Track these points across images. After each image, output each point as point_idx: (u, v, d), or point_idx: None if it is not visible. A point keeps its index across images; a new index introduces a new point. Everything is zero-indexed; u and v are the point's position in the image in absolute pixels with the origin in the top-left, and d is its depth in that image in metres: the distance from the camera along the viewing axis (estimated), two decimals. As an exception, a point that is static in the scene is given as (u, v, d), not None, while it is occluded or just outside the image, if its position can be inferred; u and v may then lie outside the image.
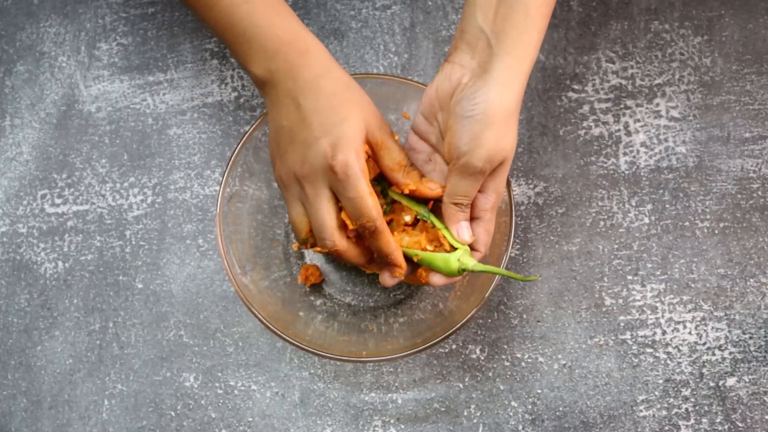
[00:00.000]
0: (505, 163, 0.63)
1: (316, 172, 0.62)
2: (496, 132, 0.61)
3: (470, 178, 0.62)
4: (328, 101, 0.62)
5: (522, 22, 0.61)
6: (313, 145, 0.61)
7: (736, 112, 0.84)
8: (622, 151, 0.84)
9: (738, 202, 0.82)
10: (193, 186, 0.85)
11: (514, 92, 0.61)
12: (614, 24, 0.86)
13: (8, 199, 0.85)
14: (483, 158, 0.61)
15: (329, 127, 0.61)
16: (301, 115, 0.62)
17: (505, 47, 0.61)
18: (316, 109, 0.62)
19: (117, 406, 0.80)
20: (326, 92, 0.63)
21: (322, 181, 0.62)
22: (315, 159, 0.61)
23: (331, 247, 0.63)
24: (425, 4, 0.88)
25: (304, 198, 0.64)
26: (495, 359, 0.80)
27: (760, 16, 0.86)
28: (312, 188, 0.62)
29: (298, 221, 0.65)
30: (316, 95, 0.62)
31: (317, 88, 0.63)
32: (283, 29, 0.64)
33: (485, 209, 0.65)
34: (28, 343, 0.82)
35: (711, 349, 0.79)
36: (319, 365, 0.80)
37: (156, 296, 0.82)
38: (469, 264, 0.65)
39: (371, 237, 0.63)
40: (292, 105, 0.63)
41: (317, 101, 0.62)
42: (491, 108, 0.61)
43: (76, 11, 0.89)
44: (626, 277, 0.81)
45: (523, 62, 0.61)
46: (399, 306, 0.81)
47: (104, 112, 0.87)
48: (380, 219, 0.62)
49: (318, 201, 0.62)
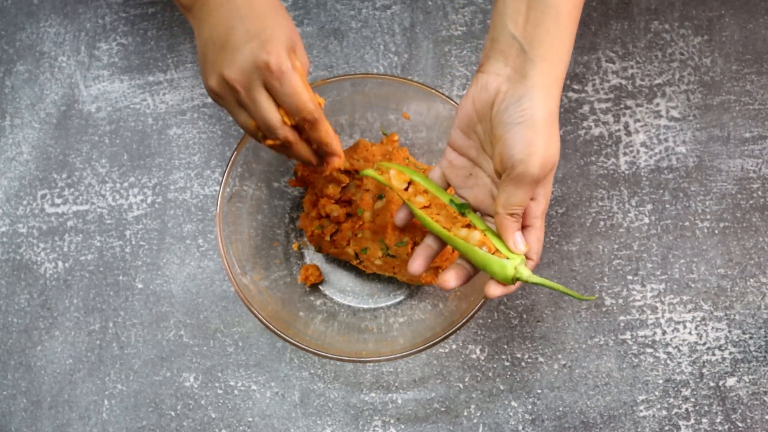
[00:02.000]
0: (553, 168, 0.62)
1: (249, 72, 0.62)
2: (546, 137, 0.60)
3: (527, 187, 0.61)
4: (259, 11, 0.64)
5: (554, 27, 0.60)
6: (243, 48, 0.62)
7: (736, 112, 0.84)
8: (622, 151, 0.84)
9: (738, 202, 0.82)
10: (193, 186, 0.85)
11: (555, 97, 0.61)
12: (614, 24, 0.86)
13: (8, 199, 0.85)
14: (538, 165, 0.60)
15: (259, 31, 0.62)
16: (230, 24, 0.63)
17: (540, 53, 0.60)
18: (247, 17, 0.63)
19: (117, 406, 0.80)
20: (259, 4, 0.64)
21: (256, 80, 0.62)
22: (247, 58, 0.62)
23: (282, 138, 0.65)
24: (425, 4, 0.88)
25: (241, 100, 0.64)
26: (495, 359, 0.80)
27: (760, 16, 0.86)
28: (247, 90, 0.63)
29: (246, 124, 0.66)
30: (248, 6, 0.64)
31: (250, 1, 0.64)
32: None
33: (536, 216, 0.64)
34: (28, 343, 0.82)
35: (711, 349, 0.79)
36: (319, 365, 0.80)
37: (156, 296, 0.82)
38: (524, 274, 0.63)
39: (311, 129, 0.65)
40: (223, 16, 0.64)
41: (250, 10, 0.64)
42: (539, 113, 0.60)
43: (76, 11, 0.89)
44: (626, 277, 0.81)
45: (558, 67, 0.61)
46: (399, 306, 0.81)
47: (104, 112, 0.87)
48: (318, 110, 0.64)
49: (257, 101, 0.63)
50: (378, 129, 0.82)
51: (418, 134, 0.81)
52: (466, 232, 0.65)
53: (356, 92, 0.78)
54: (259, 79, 0.62)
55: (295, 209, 0.83)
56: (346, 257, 0.79)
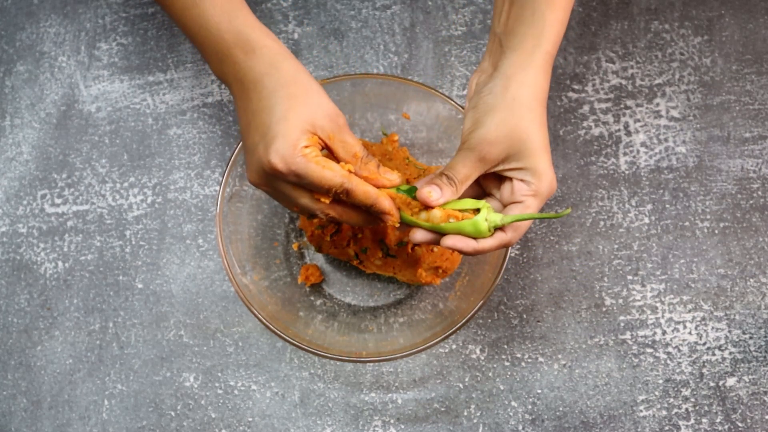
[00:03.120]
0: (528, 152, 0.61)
1: (267, 177, 0.62)
2: (498, 118, 0.61)
3: (461, 154, 0.62)
4: (269, 100, 0.62)
5: (529, 18, 0.62)
6: (254, 153, 0.62)
7: (736, 112, 0.84)
8: (622, 151, 0.84)
9: (738, 202, 0.82)
10: (193, 186, 0.85)
11: (524, 84, 0.62)
12: (614, 24, 0.86)
13: (8, 199, 0.85)
14: (477, 137, 0.61)
15: (265, 129, 0.61)
16: (247, 118, 0.63)
17: (512, 44, 0.63)
18: (257, 110, 0.62)
19: (117, 406, 0.80)
20: (268, 90, 0.62)
21: (276, 182, 0.62)
22: (260, 167, 0.61)
23: (325, 216, 0.64)
24: (425, 4, 0.88)
25: (275, 195, 0.64)
26: (495, 359, 0.80)
27: (760, 16, 0.86)
28: (273, 189, 0.63)
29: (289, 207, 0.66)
30: (258, 95, 0.62)
31: (260, 87, 0.62)
32: (230, 32, 0.63)
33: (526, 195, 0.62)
34: (28, 343, 0.82)
35: (711, 349, 0.79)
36: (319, 365, 0.80)
37: (156, 296, 0.82)
38: (496, 220, 0.62)
39: (349, 198, 0.63)
40: (241, 107, 0.63)
41: (260, 101, 0.62)
42: (494, 98, 0.62)
43: (76, 11, 0.89)
44: (626, 277, 0.81)
45: (533, 55, 0.62)
46: (399, 306, 0.81)
47: (104, 112, 0.87)
48: (347, 180, 0.61)
49: (287, 195, 0.63)
50: (378, 129, 0.82)
51: (418, 134, 0.81)
52: (426, 214, 0.64)
53: (356, 92, 0.78)
54: (277, 180, 0.61)
55: (295, 209, 0.83)
56: (346, 257, 0.78)
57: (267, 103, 0.61)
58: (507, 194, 0.64)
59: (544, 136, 0.62)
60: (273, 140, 0.60)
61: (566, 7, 0.64)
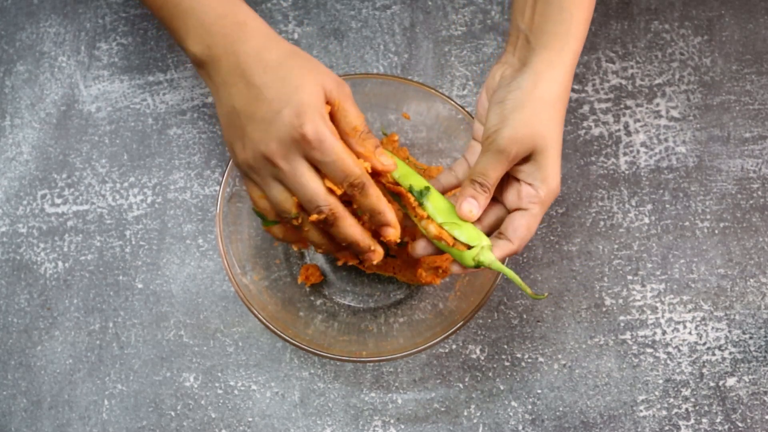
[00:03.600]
0: (543, 153, 0.61)
1: (286, 145, 0.58)
2: (526, 116, 0.60)
3: (491, 156, 0.61)
4: (277, 72, 0.60)
5: (557, 15, 0.62)
6: (275, 120, 0.58)
7: (736, 112, 0.84)
8: (622, 151, 0.84)
9: (738, 202, 0.82)
10: (193, 186, 0.85)
11: (552, 82, 0.61)
12: (614, 24, 0.87)
13: (8, 199, 0.86)
14: (506, 137, 0.60)
15: (286, 97, 0.58)
16: (253, 92, 0.59)
17: (542, 41, 0.62)
18: (267, 83, 0.59)
19: (117, 406, 0.80)
20: (273, 63, 0.60)
21: (295, 152, 0.59)
22: (282, 132, 0.58)
23: (327, 211, 0.60)
24: (425, 4, 0.88)
25: (281, 175, 0.60)
26: (495, 359, 0.80)
27: (760, 16, 0.86)
28: (287, 162, 0.59)
29: (282, 199, 0.61)
30: (263, 68, 0.60)
31: (263, 60, 0.60)
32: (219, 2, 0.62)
33: (532, 202, 0.62)
34: (28, 343, 0.82)
35: (711, 349, 0.79)
36: (319, 365, 0.80)
37: (156, 296, 0.82)
38: (485, 260, 0.62)
39: (361, 195, 0.60)
40: (241, 82, 0.60)
41: (266, 74, 0.59)
42: (523, 94, 0.61)
43: (76, 11, 0.89)
44: (626, 277, 0.81)
45: (562, 53, 0.62)
46: (399, 306, 0.81)
47: (104, 112, 0.87)
48: (365, 174, 0.60)
49: (299, 173, 0.59)
50: (378, 129, 0.82)
51: (418, 134, 0.81)
52: (426, 222, 0.64)
53: (356, 92, 0.77)
54: (299, 151, 0.59)
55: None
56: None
57: (277, 74, 0.59)
58: (513, 198, 0.63)
59: (560, 138, 0.62)
60: (301, 106, 0.58)
61: (590, 7, 0.63)
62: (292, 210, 0.61)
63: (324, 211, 0.60)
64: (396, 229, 0.63)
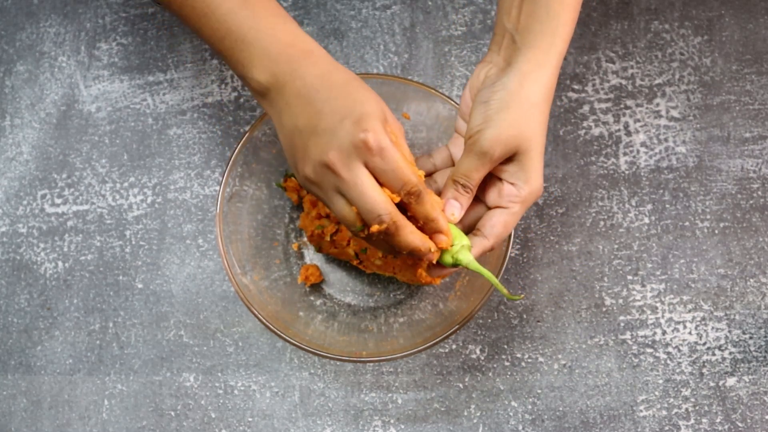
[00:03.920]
0: (527, 154, 0.61)
1: (348, 152, 0.58)
2: (511, 117, 0.60)
3: (474, 157, 0.61)
4: (342, 90, 0.60)
5: (544, 16, 0.62)
6: (338, 129, 0.59)
7: (736, 112, 0.84)
8: (622, 151, 0.84)
9: (738, 202, 0.82)
10: (193, 186, 0.85)
11: (537, 83, 0.61)
12: (614, 24, 0.86)
13: (8, 199, 0.85)
14: (490, 138, 0.60)
15: (349, 109, 0.59)
16: (315, 108, 0.60)
17: (528, 41, 0.62)
18: (331, 98, 0.60)
19: (117, 406, 0.80)
20: (338, 83, 0.61)
21: (356, 160, 0.59)
22: (344, 139, 0.58)
23: (389, 220, 0.59)
24: (425, 4, 0.88)
25: (342, 184, 0.60)
26: (495, 359, 0.80)
27: (760, 16, 0.86)
28: (347, 170, 0.59)
29: (346, 212, 0.61)
30: (328, 88, 0.61)
31: (328, 81, 0.61)
32: (285, 32, 0.63)
33: (513, 201, 0.62)
34: (28, 343, 0.82)
35: (711, 349, 0.79)
36: (319, 365, 0.80)
37: (156, 296, 0.82)
38: (463, 260, 0.63)
39: (417, 203, 0.60)
40: (304, 103, 0.61)
41: (330, 92, 0.60)
42: (508, 95, 0.61)
43: (76, 11, 0.89)
44: (626, 277, 0.81)
45: (548, 54, 0.62)
46: (399, 306, 0.81)
47: (104, 112, 0.87)
48: (422, 182, 0.60)
49: (359, 180, 0.59)
50: (378, 129, 0.82)
51: (418, 134, 0.81)
52: None
53: (356, 92, 0.78)
54: (358, 159, 0.59)
55: (295, 209, 0.83)
56: (346, 257, 0.79)
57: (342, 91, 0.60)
58: (494, 197, 0.63)
59: (543, 139, 0.62)
60: (363, 116, 0.58)
61: (576, 8, 0.63)
62: (357, 223, 0.61)
63: (385, 220, 0.60)
64: (448, 237, 0.63)
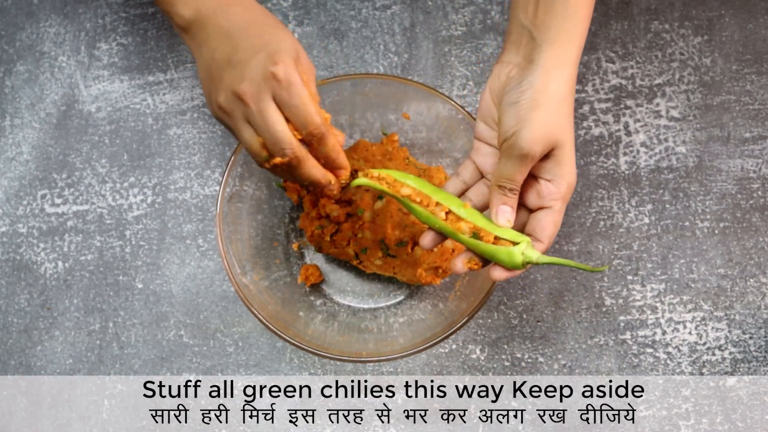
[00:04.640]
0: (562, 148, 0.61)
1: (258, 83, 0.62)
2: (543, 114, 0.60)
3: (515, 160, 0.61)
4: (260, 28, 0.64)
5: (562, 12, 0.62)
6: (251, 60, 0.62)
7: (736, 112, 0.84)
8: (622, 151, 0.84)
9: (738, 202, 0.82)
10: (193, 186, 0.85)
11: (562, 79, 0.61)
12: (614, 24, 0.86)
13: (8, 199, 0.86)
14: (527, 138, 0.60)
15: (265, 44, 0.63)
16: (233, 42, 0.64)
17: (548, 38, 0.62)
18: (250, 35, 0.64)
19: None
20: (258, 22, 0.65)
21: (265, 91, 0.62)
22: (255, 71, 0.62)
23: (291, 155, 0.63)
24: (425, 4, 0.88)
25: (250, 114, 0.63)
26: (495, 359, 0.80)
27: (760, 16, 0.86)
28: (255, 102, 0.62)
29: (252, 141, 0.64)
30: (249, 25, 0.64)
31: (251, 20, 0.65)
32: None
33: (555, 199, 0.62)
34: (28, 343, 0.82)
35: (711, 349, 0.79)
36: (319, 365, 0.80)
37: (156, 296, 0.82)
38: (533, 256, 0.62)
39: (319, 143, 0.64)
40: (224, 37, 0.64)
41: (250, 29, 0.64)
42: (537, 93, 0.61)
43: (76, 11, 0.89)
44: (626, 277, 0.81)
45: (568, 50, 0.62)
46: (399, 306, 0.81)
47: (104, 112, 0.87)
48: (325, 124, 0.63)
49: (266, 112, 0.62)
50: (378, 129, 0.82)
51: (418, 134, 0.81)
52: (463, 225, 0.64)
53: (356, 92, 0.78)
54: (268, 91, 0.62)
55: (295, 209, 0.83)
56: (346, 257, 0.79)
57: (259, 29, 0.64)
58: (534, 198, 0.63)
59: (573, 132, 0.62)
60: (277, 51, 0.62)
61: (592, 3, 0.63)
62: (263, 153, 0.64)
63: (288, 154, 0.63)
64: (347, 170, 0.67)
